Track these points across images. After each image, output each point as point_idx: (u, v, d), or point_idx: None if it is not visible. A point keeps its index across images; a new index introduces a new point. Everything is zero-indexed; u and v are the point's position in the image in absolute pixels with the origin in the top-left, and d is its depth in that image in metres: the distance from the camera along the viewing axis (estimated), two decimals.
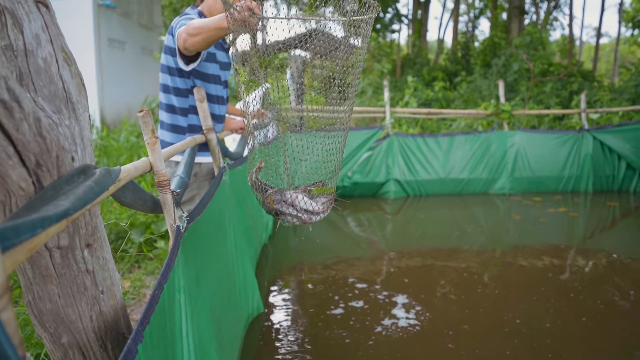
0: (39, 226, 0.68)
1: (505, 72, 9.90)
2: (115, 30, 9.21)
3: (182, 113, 2.19)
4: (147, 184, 4.53)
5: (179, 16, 2.14)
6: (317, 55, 2.55)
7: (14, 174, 0.82)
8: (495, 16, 18.41)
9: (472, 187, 5.54)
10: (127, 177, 1.16)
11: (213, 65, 2.23)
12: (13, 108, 0.77)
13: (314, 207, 1.61)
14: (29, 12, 0.95)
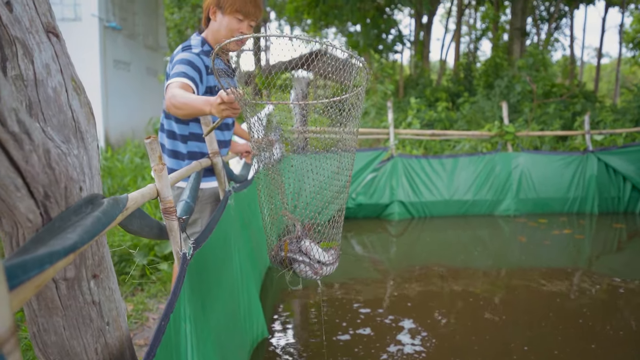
0: (47, 262, 0.67)
1: (508, 93, 9.94)
2: (120, 51, 9.32)
3: (182, 140, 2.18)
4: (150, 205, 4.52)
5: (181, 47, 2.12)
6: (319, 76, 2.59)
7: (22, 206, 0.81)
8: (497, 37, 18.58)
9: (476, 208, 5.51)
10: (134, 205, 1.15)
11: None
12: (23, 140, 0.77)
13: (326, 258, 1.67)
14: (40, 42, 0.96)
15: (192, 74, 1.94)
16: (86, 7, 8.24)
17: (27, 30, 0.94)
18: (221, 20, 2.09)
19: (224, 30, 2.10)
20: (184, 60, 1.98)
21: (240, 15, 2.07)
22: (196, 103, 1.74)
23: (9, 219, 0.84)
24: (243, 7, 2.05)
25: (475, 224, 5.26)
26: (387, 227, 5.13)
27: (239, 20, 2.07)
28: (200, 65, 2.01)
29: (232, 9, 2.05)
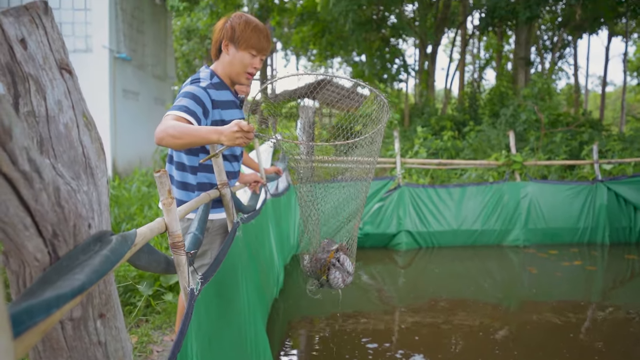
0: (54, 305, 0.65)
1: (514, 122, 9.96)
2: (129, 81, 9.46)
3: (192, 171, 2.17)
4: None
5: (190, 79, 2.11)
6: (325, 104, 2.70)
7: (30, 245, 0.79)
8: (501, 67, 18.76)
9: (485, 238, 5.45)
10: (143, 240, 1.14)
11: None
12: (33, 179, 0.76)
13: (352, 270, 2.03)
14: (53, 79, 0.96)
15: (194, 107, 1.92)
16: (97, 38, 8.40)
17: (40, 67, 0.94)
18: (234, 55, 2.10)
19: (237, 65, 2.11)
20: (189, 94, 1.97)
21: (254, 50, 2.10)
22: (200, 132, 1.75)
23: (16, 257, 0.82)
24: (257, 43, 2.09)
25: (484, 254, 5.19)
26: (394, 257, 5.07)
27: (252, 55, 2.10)
28: (205, 100, 2.00)
29: (247, 45, 2.08)
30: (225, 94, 2.13)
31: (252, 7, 15.31)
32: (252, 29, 2.08)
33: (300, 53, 29.08)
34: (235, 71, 2.13)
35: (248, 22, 2.09)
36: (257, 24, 2.11)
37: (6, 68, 0.94)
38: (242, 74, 2.13)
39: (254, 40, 2.08)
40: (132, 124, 9.53)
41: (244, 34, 2.07)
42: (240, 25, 2.08)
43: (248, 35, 2.07)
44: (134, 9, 9.73)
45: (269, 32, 2.15)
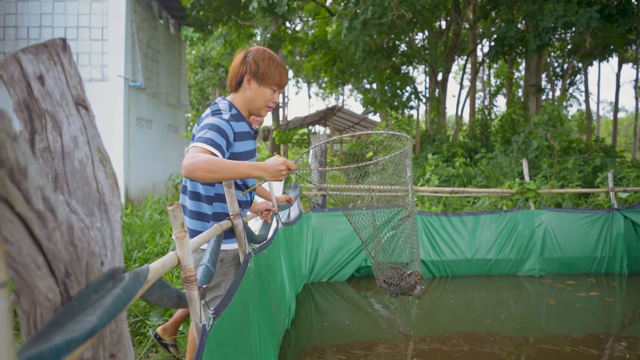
0: (65, 351, 0.63)
1: (526, 149, 9.91)
2: (143, 109, 9.60)
3: (208, 201, 2.17)
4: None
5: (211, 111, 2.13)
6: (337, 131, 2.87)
7: (42, 285, 0.78)
8: (512, 94, 18.78)
9: (500, 268, 5.35)
10: (155, 276, 1.12)
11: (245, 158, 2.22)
12: (47, 218, 0.75)
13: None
14: (69, 115, 0.96)
15: (220, 141, 1.94)
16: (113, 68, 8.58)
17: (57, 103, 0.95)
18: (257, 90, 2.15)
19: (259, 100, 2.17)
20: (214, 126, 1.98)
21: (276, 87, 2.17)
22: (240, 167, 1.80)
23: (27, 297, 0.81)
24: (280, 80, 2.16)
25: (499, 284, 5.09)
26: None
27: (273, 91, 2.17)
28: (229, 132, 2.02)
29: (271, 81, 2.14)
30: (243, 126, 2.16)
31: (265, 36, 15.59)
32: (276, 66, 2.15)
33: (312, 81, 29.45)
34: (256, 105, 2.18)
35: (272, 59, 2.15)
36: (279, 61, 2.18)
37: (24, 104, 0.94)
38: (263, 107, 2.19)
39: (277, 77, 2.15)
40: (146, 151, 9.63)
41: (268, 70, 2.12)
42: (265, 61, 2.13)
43: (272, 72, 2.13)
44: (149, 39, 9.95)
45: (286, 70, 2.23)
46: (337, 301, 4.48)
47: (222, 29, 14.23)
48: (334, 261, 5.02)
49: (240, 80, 2.17)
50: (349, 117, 24.54)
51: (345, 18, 9.54)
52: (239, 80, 2.18)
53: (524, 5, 11.76)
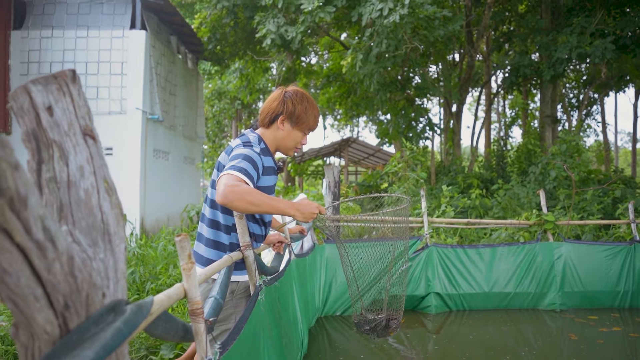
0: None
1: (543, 179, 9.78)
2: (160, 141, 9.74)
3: (226, 230, 2.16)
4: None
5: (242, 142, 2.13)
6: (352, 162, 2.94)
7: (40, 317, 0.76)
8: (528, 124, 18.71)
9: (519, 302, 5.20)
10: (160, 309, 1.10)
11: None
12: (47, 248, 0.73)
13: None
14: (76, 145, 0.96)
15: (252, 172, 1.96)
16: (132, 101, 8.76)
17: (65, 133, 0.95)
18: (290, 131, 2.19)
19: (290, 141, 2.21)
20: (247, 157, 1.99)
21: (307, 131, 2.22)
22: (278, 205, 1.90)
23: (25, 329, 0.79)
24: (314, 125, 2.22)
25: (518, 318, 4.93)
26: (423, 321, 4.86)
27: (304, 133, 2.22)
28: (259, 165, 2.04)
29: (304, 126, 2.20)
30: (269, 160, 2.19)
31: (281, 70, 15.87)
32: (312, 111, 2.20)
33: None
34: (285, 145, 2.23)
35: (309, 104, 2.20)
36: (315, 106, 2.23)
37: (32, 135, 0.94)
38: (291, 148, 2.24)
39: (311, 122, 2.20)
40: (162, 183, 9.73)
41: (304, 115, 2.17)
42: (302, 105, 2.17)
43: (307, 116, 2.18)
44: (167, 73, 10.18)
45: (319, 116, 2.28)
46: (351, 336, 4.38)
47: (238, 63, 14.52)
48: (348, 294, 4.93)
49: (274, 118, 2.19)
50: (364, 149, 24.60)
51: (360, 51, 9.67)
52: (273, 118, 2.19)
53: (537, 37, 11.83)
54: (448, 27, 9.31)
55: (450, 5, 12.92)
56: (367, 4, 8.75)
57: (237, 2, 11.07)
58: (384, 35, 8.78)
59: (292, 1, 9.45)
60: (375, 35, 9.11)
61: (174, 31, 10.96)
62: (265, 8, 10.49)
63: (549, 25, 12.30)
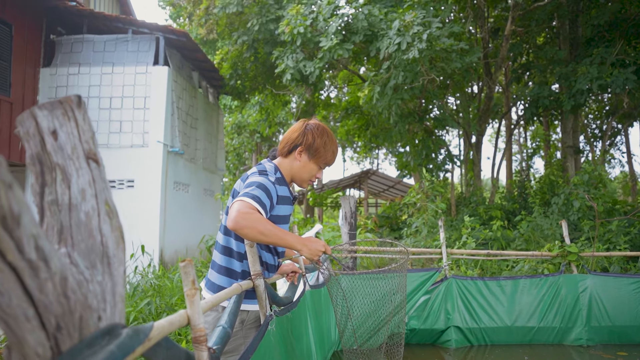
0: None
1: (567, 210, 9.57)
2: (181, 173, 9.88)
3: (239, 258, 2.16)
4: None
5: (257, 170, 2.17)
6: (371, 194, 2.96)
7: (32, 339, 0.75)
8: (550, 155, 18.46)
9: (543, 336, 5.01)
10: (160, 334, 1.08)
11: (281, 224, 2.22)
12: (39, 268, 0.74)
13: None
14: (79, 168, 0.97)
15: (265, 201, 1.98)
16: (153, 135, 8.95)
17: (68, 156, 0.96)
18: (306, 164, 2.22)
19: (306, 173, 2.23)
20: (261, 185, 2.01)
21: (324, 165, 2.24)
22: (287, 239, 1.91)
23: (17, 352, 0.78)
24: (331, 160, 2.25)
25: (544, 354, 4.74)
26: (444, 356, 4.71)
27: (320, 167, 2.24)
28: (274, 194, 2.06)
29: (322, 160, 2.22)
30: (284, 190, 2.21)
31: (300, 103, 16.09)
32: (331, 146, 2.22)
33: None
34: (300, 177, 2.25)
35: (330, 139, 2.22)
36: (335, 141, 2.25)
37: (36, 158, 0.96)
38: (306, 181, 2.26)
39: (329, 157, 2.23)
40: (181, 215, 9.81)
41: (322, 149, 2.19)
42: (322, 139, 2.20)
43: (325, 151, 2.20)
44: (189, 107, 10.41)
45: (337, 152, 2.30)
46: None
47: (258, 96, 14.79)
48: (365, 327, 4.82)
49: (293, 149, 2.22)
50: (384, 181, 24.54)
51: (377, 83, 9.77)
52: (292, 148, 2.23)
53: (557, 67, 11.79)
54: (465, 59, 9.35)
55: (468, 38, 13.04)
56: (385, 38, 8.88)
57: (257, 37, 11.35)
58: (401, 67, 8.87)
59: (311, 39, 9.65)
60: (392, 67, 9.21)
61: (195, 67, 11.26)
62: (284, 43, 10.73)
63: (568, 56, 12.28)
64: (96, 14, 9.15)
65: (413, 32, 8.14)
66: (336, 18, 9.41)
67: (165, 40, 9.34)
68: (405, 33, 8.33)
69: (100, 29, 9.48)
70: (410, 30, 8.18)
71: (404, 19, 8.32)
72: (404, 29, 8.35)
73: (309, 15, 9.69)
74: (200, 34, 13.11)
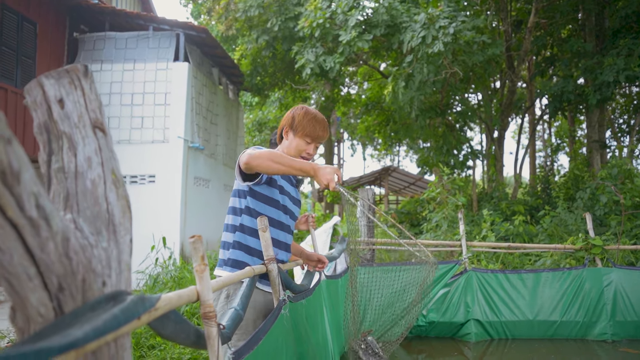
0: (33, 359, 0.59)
1: (592, 205, 9.35)
2: (201, 169, 9.97)
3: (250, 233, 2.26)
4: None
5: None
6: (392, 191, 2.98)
7: (34, 298, 0.76)
8: (575, 150, 18.07)
9: (566, 331, 4.90)
10: (167, 306, 1.08)
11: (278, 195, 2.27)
12: (40, 226, 0.73)
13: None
14: (85, 137, 0.97)
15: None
16: (174, 130, 9.04)
17: (75, 125, 0.96)
18: (292, 140, 2.33)
19: (293, 150, 2.32)
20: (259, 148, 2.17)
21: (309, 138, 2.31)
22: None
23: (21, 312, 0.79)
24: (312, 132, 2.30)
25: (566, 349, 4.64)
26: (463, 350, 4.65)
27: (307, 142, 2.31)
28: None
29: (303, 132, 2.30)
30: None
31: (319, 99, 16.08)
32: (310, 119, 2.32)
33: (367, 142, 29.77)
34: (290, 154, 2.32)
35: (307, 113, 2.34)
36: (315, 115, 2.35)
37: (44, 127, 0.96)
38: (297, 157, 2.31)
39: (309, 129, 2.30)
40: (202, 209, 9.90)
41: (302, 122, 2.31)
42: (300, 115, 2.34)
43: (305, 124, 2.30)
44: (209, 103, 10.49)
45: (327, 124, 2.37)
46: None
47: (277, 92, 14.82)
48: (383, 319, 4.79)
49: (281, 131, 2.39)
50: (405, 178, 24.36)
51: (401, 78, 9.68)
52: (281, 132, 2.40)
53: (582, 60, 11.52)
54: (487, 51, 9.20)
55: (490, 31, 12.82)
56: (408, 30, 8.78)
57: (276, 35, 11.37)
58: (424, 60, 8.76)
59: (329, 31, 9.61)
60: (415, 61, 9.11)
61: (215, 63, 11.34)
62: (303, 39, 10.72)
63: (593, 49, 11.98)
64: (118, 12, 9.28)
65: (439, 25, 8.04)
66: (355, 11, 9.35)
67: (186, 36, 9.42)
68: (430, 26, 8.23)
69: (122, 26, 9.61)
70: (436, 24, 8.08)
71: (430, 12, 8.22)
72: (429, 22, 8.24)
73: (327, 9, 9.65)
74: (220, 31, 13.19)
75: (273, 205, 2.26)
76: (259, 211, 2.22)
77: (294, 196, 2.41)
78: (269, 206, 2.25)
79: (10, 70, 7.78)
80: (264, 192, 2.24)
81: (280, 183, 2.30)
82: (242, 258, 2.22)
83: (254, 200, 2.24)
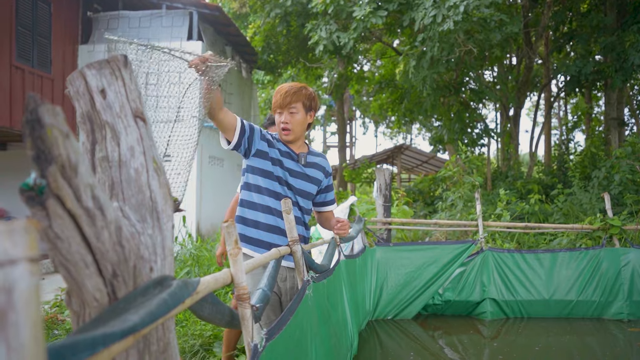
0: (100, 343, 0.62)
1: (608, 184, 9.26)
2: (215, 148, 10.02)
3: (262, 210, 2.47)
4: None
5: None
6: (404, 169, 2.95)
7: (90, 284, 0.79)
8: (592, 129, 17.81)
9: (582, 310, 4.92)
10: (206, 289, 1.11)
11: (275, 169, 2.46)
12: (96, 216, 0.76)
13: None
14: (127, 126, 0.99)
15: (247, 123, 2.43)
16: (188, 109, 9.07)
17: (117, 115, 0.99)
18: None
19: (276, 126, 2.52)
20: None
21: (277, 109, 2.48)
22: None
23: (77, 297, 0.82)
24: (275, 102, 2.49)
25: (582, 328, 4.67)
26: (478, 327, 4.70)
27: (279, 114, 2.47)
28: (257, 130, 2.43)
29: (273, 107, 2.52)
30: (282, 146, 2.51)
31: (332, 77, 15.96)
32: (276, 92, 2.49)
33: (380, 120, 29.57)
34: (277, 130, 2.53)
35: (279, 88, 2.51)
36: (281, 87, 2.51)
37: (86, 116, 0.99)
38: (280, 131, 2.50)
39: (273, 101, 2.50)
40: (217, 188, 9.99)
41: (273, 99, 2.51)
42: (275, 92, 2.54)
43: (274, 99, 2.50)
44: (222, 82, 10.46)
45: (288, 90, 2.45)
46: (402, 340, 4.30)
47: (290, 70, 14.73)
48: (400, 298, 4.85)
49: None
50: (417, 156, 24.25)
51: (412, 57, 9.57)
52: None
53: (601, 36, 11.26)
54: (505, 29, 9.03)
55: (507, 7, 12.55)
56: (420, 8, 8.64)
57: (289, 10, 11.25)
58: (436, 39, 8.64)
59: (344, 7, 9.49)
60: (427, 40, 8.98)
61: (229, 41, 11.28)
62: (317, 16, 10.61)
63: (614, 24, 11.69)
64: None
65: (449, 4, 7.89)
66: None
67: (199, 15, 9.36)
68: (441, 5, 8.08)
69: (135, 5, 9.57)
70: (447, 2, 7.93)
71: None
72: (440, 1, 8.10)
73: None
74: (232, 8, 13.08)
75: (267, 177, 2.43)
76: (252, 183, 2.43)
77: (298, 170, 2.51)
78: (261, 177, 2.43)
79: (27, 51, 7.83)
80: (258, 165, 2.43)
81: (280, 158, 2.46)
82: (242, 231, 2.41)
83: (252, 175, 2.44)
